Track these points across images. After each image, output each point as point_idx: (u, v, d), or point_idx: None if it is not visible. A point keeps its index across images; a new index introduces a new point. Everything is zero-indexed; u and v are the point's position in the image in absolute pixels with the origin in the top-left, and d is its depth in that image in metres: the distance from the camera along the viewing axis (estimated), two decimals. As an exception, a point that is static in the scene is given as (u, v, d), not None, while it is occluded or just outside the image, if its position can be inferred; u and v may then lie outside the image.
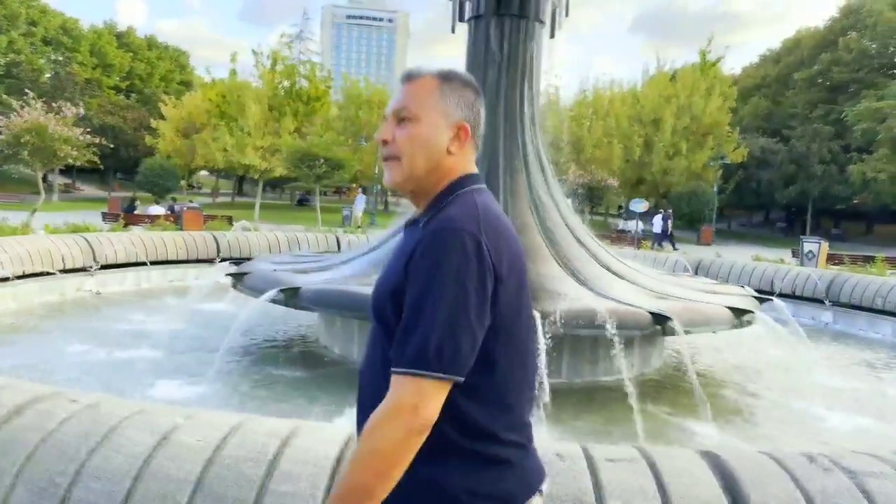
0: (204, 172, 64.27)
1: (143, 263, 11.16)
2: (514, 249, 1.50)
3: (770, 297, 7.58)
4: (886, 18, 43.19)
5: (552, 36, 8.28)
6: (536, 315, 5.45)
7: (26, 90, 21.91)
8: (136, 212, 23.16)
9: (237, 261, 12.41)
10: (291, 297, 6.22)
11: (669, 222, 27.95)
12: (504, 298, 1.44)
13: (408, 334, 1.37)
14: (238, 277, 7.16)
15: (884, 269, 15.30)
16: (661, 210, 29.56)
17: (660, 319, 5.77)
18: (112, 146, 29.16)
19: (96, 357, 6.68)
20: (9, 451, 2.38)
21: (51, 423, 2.49)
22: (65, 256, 9.78)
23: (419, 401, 1.33)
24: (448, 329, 1.35)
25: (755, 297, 7.37)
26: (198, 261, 12.13)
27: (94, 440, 2.39)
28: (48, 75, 49.43)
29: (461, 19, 8.37)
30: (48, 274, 9.42)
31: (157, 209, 23.47)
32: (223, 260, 12.40)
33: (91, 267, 10.22)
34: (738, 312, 6.45)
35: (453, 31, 8.41)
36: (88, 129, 20.63)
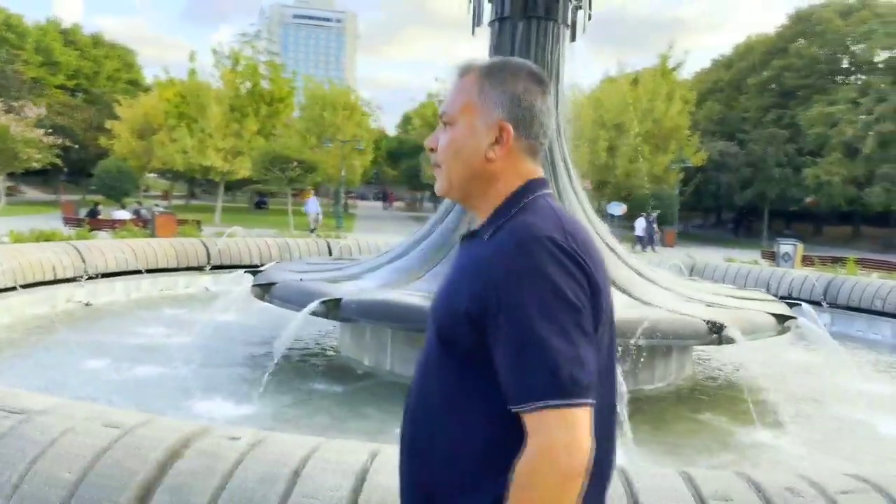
0: (152, 175, 62.56)
1: (134, 272, 10.67)
2: (600, 259, 1.33)
3: (798, 302, 7.62)
4: (835, 27, 44.70)
5: (573, 39, 8.19)
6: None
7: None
8: (99, 216, 22.26)
9: (229, 268, 12.09)
10: (333, 308, 5.97)
11: (655, 225, 28.26)
12: (598, 312, 1.27)
13: (525, 364, 1.18)
14: (266, 288, 6.85)
15: (855, 270, 15.81)
16: (644, 213, 29.94)
17: (716, 328, 5.70)
18: (77, 146, 28.05)
19: (118, 375, 6.30)
20: (184, 500, 2.13)
21: (221, 466, 2.25)
22: (55, 266, 9.28)
23: (572, 435, 1.14)
24: (572, 349, 1.17)
25: (787, 303, 7.39)
26: (188, 269, 11.69)
27: (281, 485, 2.16)
28: (-8, 73, 47.31)
29: (479, 23, 8.24)
30: (39, 284, 8.93)
31: (123, 213, 22.63)
32: (214, 268, 12.03)
33: (82, 277, 9.72)
34: (781, 318, 6.45)
35: (473, 33, 8.26)
36: (50, 131, 19.78)
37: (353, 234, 25.24)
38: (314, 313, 6.01)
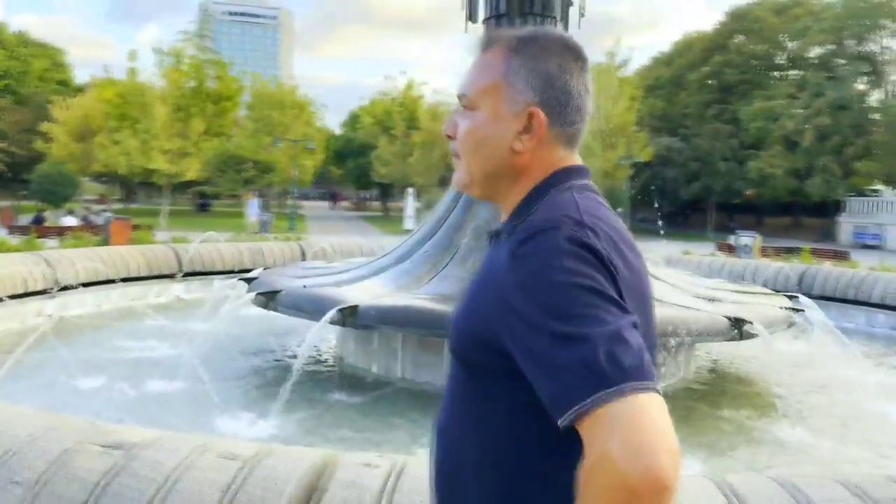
0: (85, 178, 60.44)
1: (104, 282, 10.18)
2: (636, 264, 1.13)
3: (796, 295, 7.77)
4: (770, 24, 46.27)
5: (566, 36, 8.15)
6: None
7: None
8: (45, 223, 21.27)
9: (201, 275, 11.69)
10: (350, 315, 5.77)
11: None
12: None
13: (553, 366, 0.98)
14: (270, 296, 6.58)
15: (810, 259, 16.47)
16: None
17: (739, 324, 5.74)
18: (12, 150, 26.71)
19: (119, 394, 5.97)
20: (342, 538, 1.96)
21: (370, 499, 2.08)
22: (26, 279, 8.77)
23: (631, 433, 0.89)
24: (606, 328, 0.96)
25: (787, 296, 7.53)
26: (159, 277, 11.23)
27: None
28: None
29: (473, 20, 8.14)
30: (11, 298, 8.44)
31: (71, 220, 21.68)
32: (185, 275, 11.59)
33: (52, 288, 9.22)
34: (791, 312, 6.55)
35: (466, 31, 8.13)
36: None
37: (309, 235, 24.77)
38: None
